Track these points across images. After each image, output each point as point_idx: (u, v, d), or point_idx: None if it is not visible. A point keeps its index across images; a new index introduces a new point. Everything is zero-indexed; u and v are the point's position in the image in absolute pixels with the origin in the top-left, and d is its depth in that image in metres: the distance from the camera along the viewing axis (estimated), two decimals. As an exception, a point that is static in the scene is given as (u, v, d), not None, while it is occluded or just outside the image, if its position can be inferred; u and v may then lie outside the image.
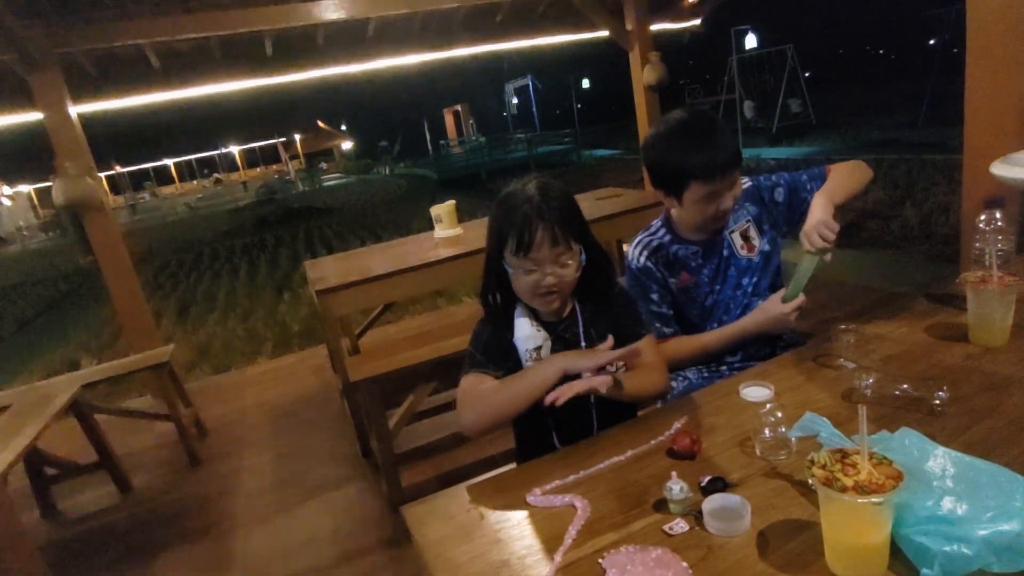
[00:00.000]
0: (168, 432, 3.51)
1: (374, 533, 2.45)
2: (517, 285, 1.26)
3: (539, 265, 1.21)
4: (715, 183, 1.47)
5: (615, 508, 0.96)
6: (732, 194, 1.51)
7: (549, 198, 1.22)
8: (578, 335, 1.31)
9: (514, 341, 1.30)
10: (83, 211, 3.85)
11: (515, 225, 1.19)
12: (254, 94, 5.40)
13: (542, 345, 1.28)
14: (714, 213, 1.52)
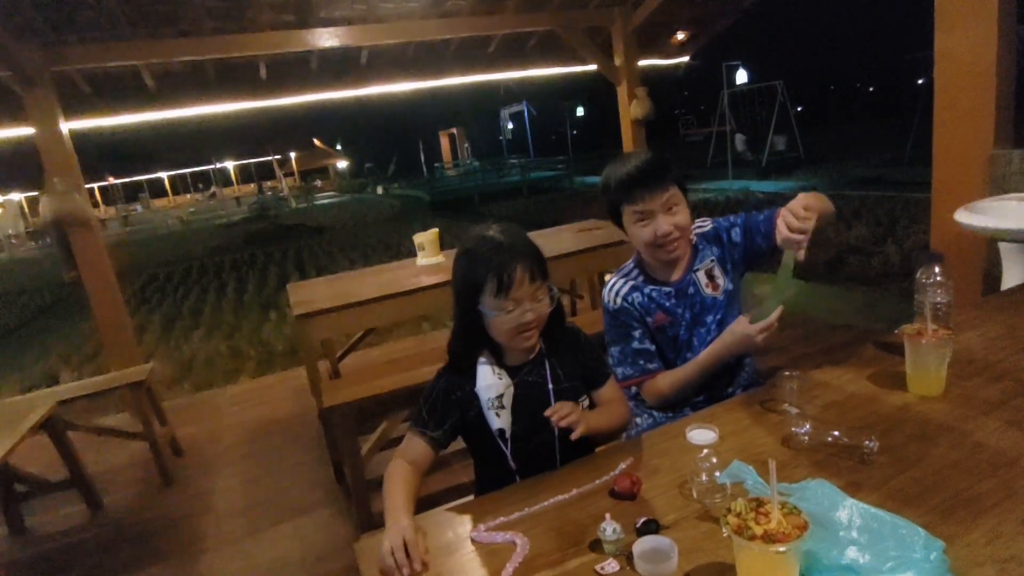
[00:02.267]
0: (143, 450, 3.49)
1: (342, 559, 2.46)
2: (497, 327, 1.29)
3: (519, 304, 1.26)
4: (639, 202, 1.53)
5: (553, 546, 1.00)
6: (669, 220, 1.53)
7: (517, 238, 1.29)
8: (545, 377, 1.35)
9: (475, 391, 1.33)
10: (69, 227, 3.88)
11: (492, 268, 1.24)
12: (250, 113, 5.49)
13: (504, 393, 1.32)
14: (653, 239, 1.55)
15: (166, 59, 4.22)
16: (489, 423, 1.33)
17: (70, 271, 4.05)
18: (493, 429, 1.33)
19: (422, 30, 4.67)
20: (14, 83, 3.71)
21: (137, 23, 3.90)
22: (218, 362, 5.98)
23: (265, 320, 7.41)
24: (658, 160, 1.56)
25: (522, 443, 1.34)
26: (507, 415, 1.33)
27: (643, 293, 1.67)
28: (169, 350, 6.64)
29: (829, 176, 13.21)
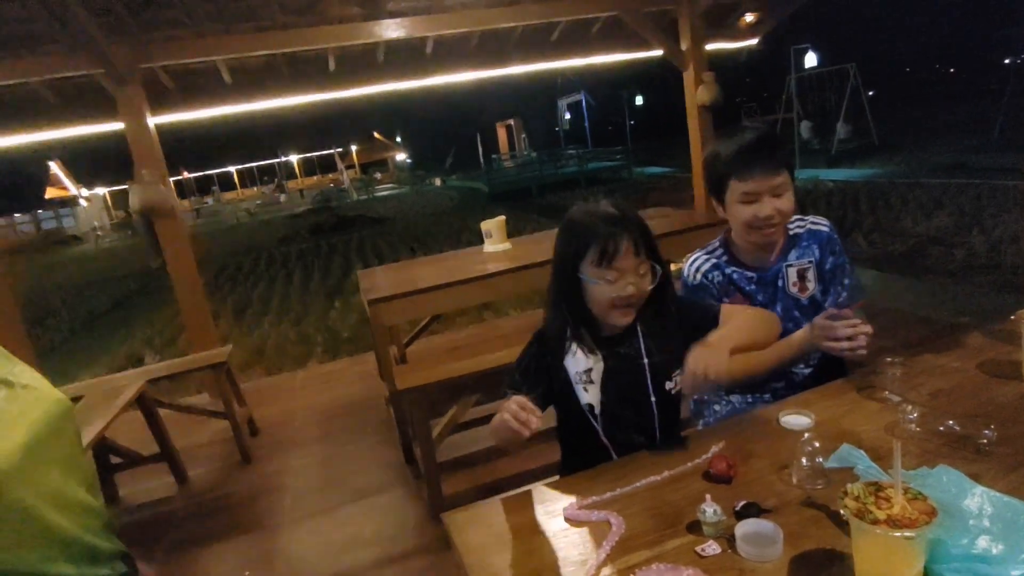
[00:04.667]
0: (222, 429, 3.67)
1: (414, 539, 2.51)
2: (596, 296, 1.28)
3: (621, 274, 1.24)
4: (750, 180, 1.46)
5: (649, 527, 0.99)
6: (775, 204, 1.48)
7: (627, 212, 1.28)
8: (639, 350, 1.32)
9: (563, 363, 1.33)
10: (155, 216, 4.09)
11: (599, 236, 1.24)
12: (315, 106, 5.63)
13: (592, 367, 1.31)
14: (753, 220, 1.49)
15: (242, 54, 4.37)
16: (578, 397, 1.32)
17: (156, 258, 4.27)
18: (582, 404, 1.32)
19: (487, 18, 4.67)
20: (106, 81, 3.93)
21: (216, 20, 4.05)
22: (287, 347, 6.20)
23: (330, 308, 7.63)
24: (774, 140, 1.50)
25: (614, 419, 1.32)
26: (595, 390, 1.31)
27: (724, 273, 1.63)
28: (241, 335, 6.93)
29: (906, 163, 12.53)
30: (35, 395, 0.80)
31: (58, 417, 0.81)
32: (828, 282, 1.61)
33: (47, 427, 0.78)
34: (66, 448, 0.81)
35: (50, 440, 0.77)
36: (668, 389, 1.32)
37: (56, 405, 0.82)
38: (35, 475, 0.72)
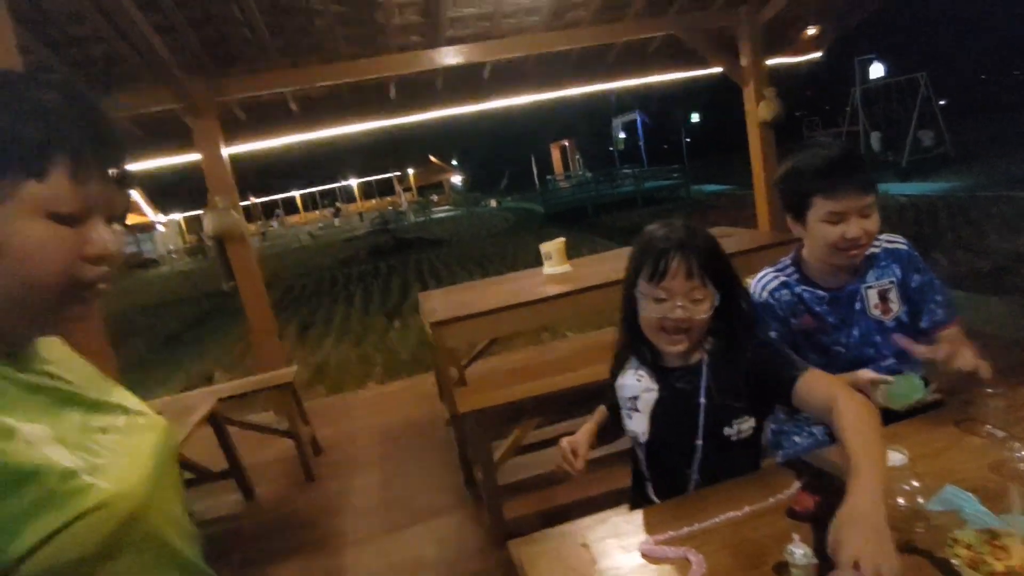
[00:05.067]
0: (287, 447, 3.75)
1: (476, 563, 2.50)
2: (644, 315, 1.24)
3: (670, 295, 1.20)
4: (839, 199, 1.39)
5: (731, 566, 0.94)
6: (862, 224, 1.40)
7: (691, 233, 1.23)
8: (698, 388, 1.24)
9: (615, 385, 1.31)
10: (227, 240, 4.28)
11: (653, 252, 1.21)
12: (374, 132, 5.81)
13: (640, 396, 1.26)
14: (839, 241, 1.42)
15: (308, 84, 4.56)
16: (624, 423, 1.31)
17: (228, 281, 4.46)
18: (627, 430, 1.31)
19: (544, 42, 4.72)
20: (184, 114, 4.17)
21: (285, 54, 4.25)
22: (348, 367, 6.34)
23: (390, 328, 7.77)
24: (862, 157, 1.44)
25: (659, 452, 1.28)
26: (642, 420, 1.27)
27: (793, 292, 1.57)
28: (304, 354, 7.13)
29: (985, 175, 11.85)
30: (147, 420, 0.80)
31: (168, 442, 0.81)
32: (918, 302, 1.53)
33: (165, 453, 0.78)
34: (175, 472, 0.82)
35: (167, 465, 0.78)
36: (727, 436, 1.21)
37: (165, 431, 0.82)
38: (161, 502, 0.73)
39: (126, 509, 0.65)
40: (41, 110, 0.61)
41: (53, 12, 3.21)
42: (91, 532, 0.61)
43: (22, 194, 0.60)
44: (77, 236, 0.64)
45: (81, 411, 0.70)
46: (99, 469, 0.65)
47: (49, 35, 3.45)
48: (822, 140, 1.48)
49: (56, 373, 0.71)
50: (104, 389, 0.79)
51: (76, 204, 0.63)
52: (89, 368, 0.81)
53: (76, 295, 0.66)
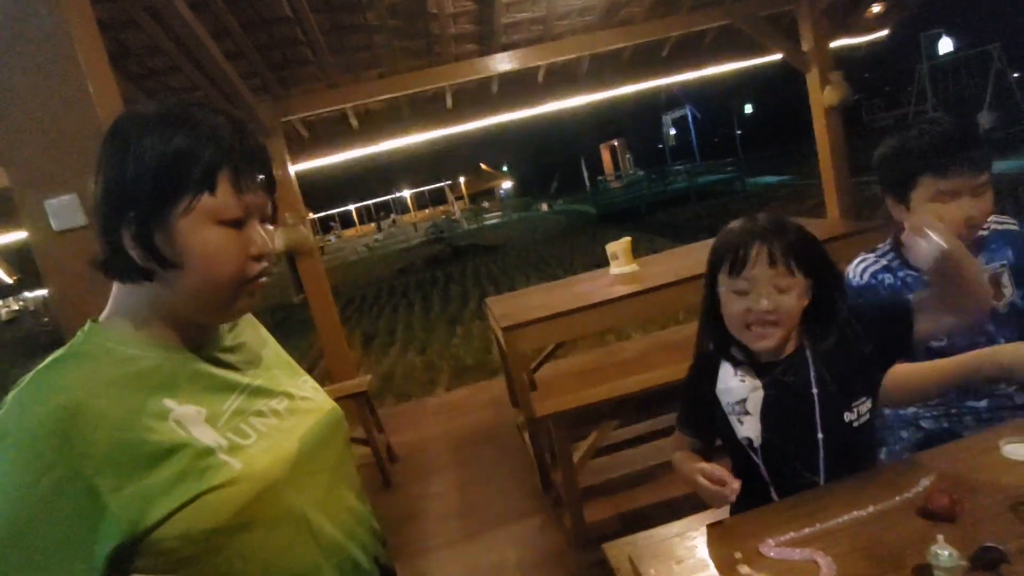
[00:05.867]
0: (364, 455, 3.83)
1: (559, 566, 2.48)
2: (728, 311, 1.18)
3: (753, 286, 1.13)
4: (952, 177, 1.29)
5: (863, 569, 0.89)
6: (976, 204, 1.31)
7: (773, 222, 1.18)
8: (808, 379, 1.18)
9: (715, 392, 1.24)
10: (297, 254, 4.42)
11: (732, 244, 1.16)
12: (427, 143, 5.90)
13: (748, 397, 1.19)
14: (956, 223, 1.31)
15: (368, 99, 4.67)
16: (734, 429, 1.22)
17: (299, 293, 4.61)
18: (739, 437, 1.21)
19: (598, 41, 4.68)
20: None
21: (345, 71, 4.36)
22: (414, 375, 6.43)
23: (452, 335, 7.85)
24: (976, 131, 1.36)
25: (778, 454, 1.20)
26: (754, 422, 1.19)
27: (896, 276, 1.47)
28: (370, 363, 7.28)
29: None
30: (311, 405, 0.87)
31: (329, 426, 0.87)
32: None
33: (319, 436, 0.83)
34: (334, 456, 0.86)
35: (321, 449, 0.83)
36: (848, 422, 1.15)
37: (329, 415, 0.88)
38: (306, 483, 0.78)
39: (256, 487, 0.71)
40: (214, 134, 0.71)
41: (133, 46, 3.39)
42: (221, 505, 0.68)
43: (201, 207, 0.70)
44: (243, 238, 0.74)
45: (244, 396, 0.78)
46: (239, 449, 0.72)
47: (129, 69, 3.65)
48: (933, 117, 1.39)
49: (229, 361, 0.80)
50: (280, 376, 0.87)
51: (239, 210, 0.73)
52: (278, 356, 0.93)
53: (245, 290, 0.76)
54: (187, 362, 0.75)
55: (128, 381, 0.69)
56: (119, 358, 0.71)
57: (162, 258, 0.70)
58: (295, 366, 0.95)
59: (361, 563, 0.83)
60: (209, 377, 0.76)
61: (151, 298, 0.74)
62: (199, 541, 0.67)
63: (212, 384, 0.76)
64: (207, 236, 0.71)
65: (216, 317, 0.80)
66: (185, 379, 0.74)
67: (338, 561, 0.79)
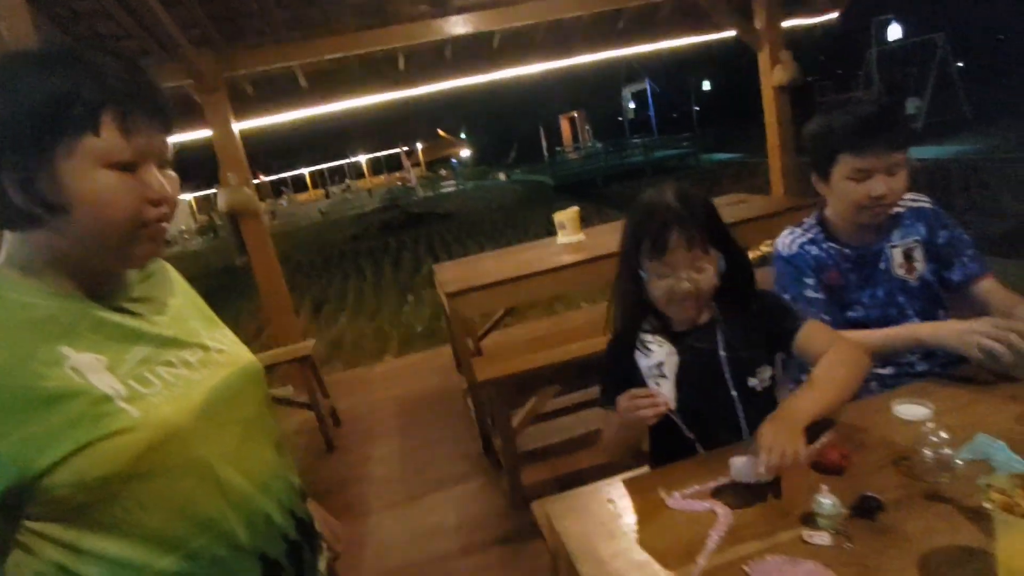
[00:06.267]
0: (307, 419, 3.82)
1: (496, 528, 2.54)
2: (651, 291, 1.25)
3: (674, 269, 1.20)
4: (865, 156, 1.37)
5: (758, 517, 0.96)
6: (889, 183, 1.39)
7: (686, 202, 1.22)
8: (716, 344, 1.27)
9: (635, 358, 1.29)
10: (241, 216, 4.30)
11: (651, 229, 1.20)
12: (381, 106, 5.77)
13: (664, 361, 1.25)
14: (863, 200, 1.41)
15: (317, 57, 4.51)
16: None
17: (241, 256, 4.49)
18: None
19: (554, 9, 4.63)
20: (194, 91, 4.15)
21: (293, 28, 4.21)
22: (364, 342, 6.39)
23: (403, 303, 7.81)
24: (896, 114, 1.41)
25: (695, 415, 1.27)
26: (669, 386, 1.24)
27: (820, 247, 1.56)
28: (319, 330, 7.19)
29: (1002, 137, 11.61)
30: (226, 358, 0.86)
31: (245, 379, 0.86)
32: (947, 257, 1.52)
33: (232, 388, 0.83)
34: (250, 409, 0.86)
35: (234, 401, 0.83)
36: (752, 387, 1.25)
37: (245, 368, 0.88)
38: (215, 434, 0.78)
39: (155, 435, 0.70)
40: (98, 72, 0.69)
41: (60, -12, 3.19)
42: (117, 453, 0.67)
43: (83, 148, 0.68)
44: (136, 182, 0.72)
45: (152, 346, 0.77)
46: (140, 397, 0.71)
47: (56, 12, 3.43)
48: (859, 97, 1.46)
49: (136, 310, 0.79)
50: (197, 328, 0.86)
51: (129, 153, 0.70)
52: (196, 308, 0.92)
53: (143, 235, 0.74)
54: (88, 311, 0.74)
55: (20, 328, 0.68)
56: (11, 305, 0.69)
57: (47, 203, 0.68)
58: (214, 319, 0.94)
59: (274, 517, 0.83)
60: (113, 326, 0.75)
61: (44, 246, 0.72)
62: (93, 488, 0.66)
63: (116, 333, 0.75)
64: (95, 179, 0.69)
65: (114, 263, 0.78)
66: (86, 327, 0.73)
67: (247, 513, 0.79)
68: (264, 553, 0.80)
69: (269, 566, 0.81)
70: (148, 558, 0.71)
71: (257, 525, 0.80)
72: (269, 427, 0.90)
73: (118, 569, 0.70)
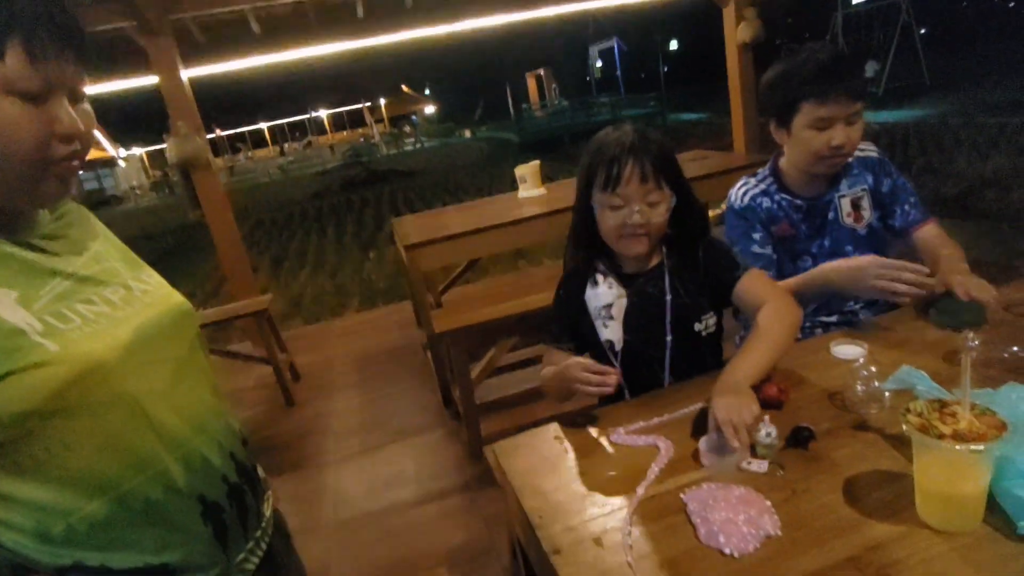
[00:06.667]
0: (266, 375, 3.78)
1: (454, 477, 2.58)
2: (602, 224, 1.25)
3: (627, 202, 1.20)
4: (827, 104, 1.37)
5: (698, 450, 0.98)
6: (847, 132, 1.40)
7: (642, 137, 1.22)
8: (663, 288, 1.28)
9: (584, 299, 1.30)
10: (192, 168, 4.14)
11: (605, 160, 1.20)
12: (343, 59, 5.57)
13: (613, 303, 1.27)
14: (823, 150, 1.41)
15: (270, 2, 4.31)
16: (598, 334, 1.30)
17: (194, 210, 4.34)
18: (601, 340, 1.29)
19: (518, -45, 4.50)
20: (136, 34, 3.92)
21: (245, -34, 4.00)
22: (325, 298, 6.31)
23: (365, 260, 7.71)
24: (855, 62, 1.41)
25: (632, 357, 1.29)
26: (617, 327, 1.28)
27: (772, 199, 1.58)
28: (279, 287, 7.06)
29: (960, 102, 11.87)
30: (152, 298, 0.83)
31: (174, 319, 0.83)
32: (889, 205, 1.56)
33: (161, 327, 0.80)
34: (181, 349, 0.82)
35: (162, 340, 0.79)
36: (698, 331, 1.27)
37: (174, 308, 0.84)
38: (142, 372, 0.75)
39: (75, 369, 0.67)
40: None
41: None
42: (33, 387, 0.64)
43: None
44: (45, 114, 0.67)
45: (69, 282, 0.74)
46: (58, 332, 0.68)
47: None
48: (815, 44, 1.44)
49: (48, 247, 0.75)
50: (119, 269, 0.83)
51: (37, 82, 0.65)
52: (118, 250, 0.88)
53: (50, 172, 0.69)
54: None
55: None
56: None
57: None
58: (138, 260, 0.90)
59: (212, 458, 0.80)
60: (23, 261, 0.71)
61: None
62: (9, 426, 0.64)
63: (26, 268, 0.71)
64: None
65: (18, 200, 0.72)
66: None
67: (183, 454, 0.76)
68: (203, 495, 0.78)
69: (209, 508, 0.78)
70: (75, 502, 0.69)
71: (194, 466, 0.77)
72: (203, 369, 0.87)
73: (42, 514, 0.68)
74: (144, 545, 0.73)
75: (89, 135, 0.72)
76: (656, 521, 0.86)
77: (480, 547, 2.15)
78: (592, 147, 1.26)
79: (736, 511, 0.81)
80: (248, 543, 0.85)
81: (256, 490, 0.90)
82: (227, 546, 0.80)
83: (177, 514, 0.76)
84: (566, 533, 0.86)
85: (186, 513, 0.76)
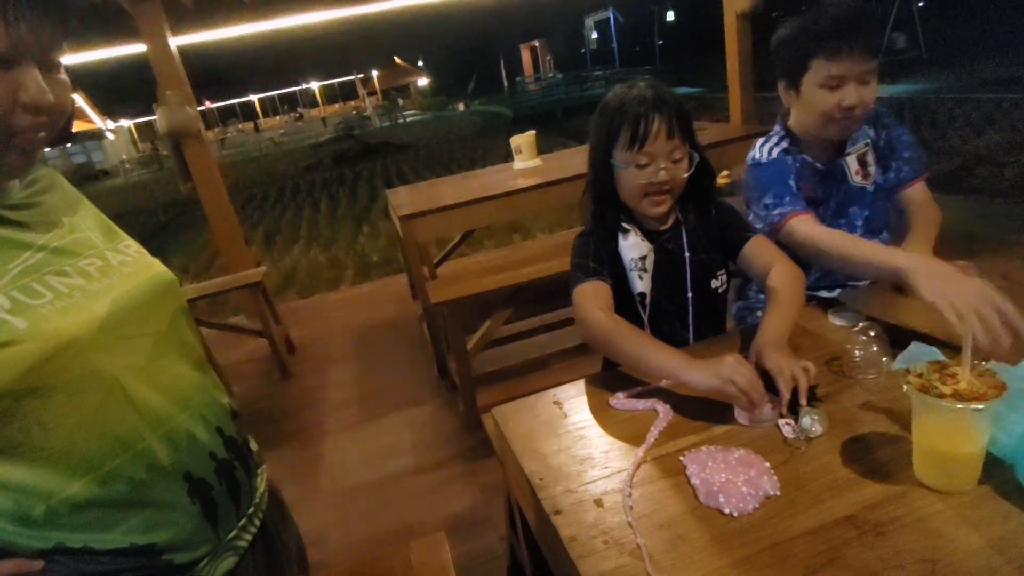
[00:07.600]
0: (261, 347, 3.77)
1: (451, 447, 2.60)
2: (626, 183, 1.24)
3: (653, 159, 1.18)
4: (840, 61, 1.30)
5: (697, 414, 0.99)
6: (860, 92, 1.32)
7: (663, 93, 1.20)
8: (682, 246, 1.29)
9: (618, 250, 1.28)
10: (183, 138, 4.07)
11: (629, 118, 1.18)
12: (335, 29, 5.47)
13: (647, 255, 1.27)
14: (835, 110, 1.34)
15: (261, -34, 4.22)
16: (631, 285, 1.28)
17: (186, 182, 4.28)
18: (635, 292, 1.28)
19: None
20: (124, 1, 3.83)
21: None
22: (319, 271, 6.28)
23: (359, 233, 7.66)
24: (871, 17, 1.33)
25: (660, 311, 1.30)
26: (648, 279, 1.28)
27: (796, 158, 1.49)
28: (273, 261, 7.03)
29: (956, 77, 11.80)
30: (130, 269, 0.79)
31: (155, 290, 0.80)
32: (887, 159, 1.49)
33: (140, 299, 0.76)
34: (162, 322, 0.79)
35: (142, 312, 0.76)
36: (714, 288, 1.30)
37: (155, 279, 0.81)
38: (120, 347, 0.72)
39: (46, 347, 0.64)
40: None
41: None
42: (2, 367, 0.62)
43: None
44: (10, 81, 0.62)
45: (40, 255, 0.70)
46: (27, 308, 0.65)
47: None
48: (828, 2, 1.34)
49: (16, 218, 0.71)
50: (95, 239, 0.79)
51: (3, 43, 0.60)
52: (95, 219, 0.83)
53: (14, 143, 0.65)
54: None
55: None
56: None
57: None
58: (116, 230, 0.85)
59: (197, 434, 0.78)
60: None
61: None
62: None
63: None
64: None
65: None
66: None
67: (166, 431, 0.74)
68: (189, 472, 0.76)
69: (196, 485, 0.76)
70: (56, 483, 0.66)
71: (178, 443, 0.75)
72: (186, 342, 0.83)
73: (22, 497, 0.66)
74: (129, 525, 0.71)
75: (60, 107, 0.67)
76: (656, 482, 0.86)
77: (477, 516, 2.17)
78: (611, 105, 1.23)
79: (736, 472, 0.82)
80: (240, 520, 0.83)
81: (247, 465, 0.87)
82: (217, 524, 0.78)
83: (162, 493, 0.73)
84: (567, 495, 0.87)
85: (172, 491, 0.74)
